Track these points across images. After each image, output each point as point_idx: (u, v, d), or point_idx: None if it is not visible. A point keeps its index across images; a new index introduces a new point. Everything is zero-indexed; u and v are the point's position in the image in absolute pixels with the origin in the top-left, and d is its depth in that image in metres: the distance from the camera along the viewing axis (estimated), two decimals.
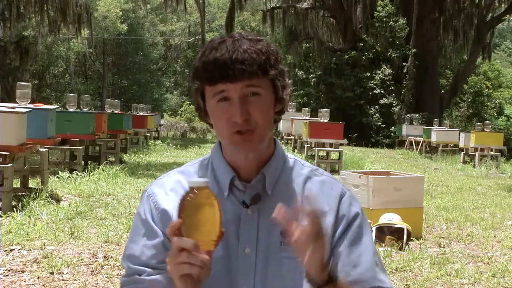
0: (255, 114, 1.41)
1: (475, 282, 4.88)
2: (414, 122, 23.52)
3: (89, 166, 10.73)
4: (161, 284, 1.44)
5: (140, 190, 8.57)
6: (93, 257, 5.00)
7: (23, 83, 8.81)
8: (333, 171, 13.09)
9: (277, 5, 29.91)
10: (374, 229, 6.12)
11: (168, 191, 1.52)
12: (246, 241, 1.46)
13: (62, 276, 4.47)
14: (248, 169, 1.49)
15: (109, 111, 14.84)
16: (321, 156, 13.94)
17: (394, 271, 5.10)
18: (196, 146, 20.00)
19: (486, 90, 31.88)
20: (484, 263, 5.56)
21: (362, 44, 26.75)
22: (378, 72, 26.09)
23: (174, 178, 1.55)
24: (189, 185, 1.27)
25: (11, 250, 5.09)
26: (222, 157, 1.52)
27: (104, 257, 4.98)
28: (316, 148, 13.53)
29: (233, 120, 1.40)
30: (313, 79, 27.23)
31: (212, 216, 1.26)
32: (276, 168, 1.51)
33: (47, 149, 8.39)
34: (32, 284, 4.29)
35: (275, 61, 1.45)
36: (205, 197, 1.26)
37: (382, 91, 25.93)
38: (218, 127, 1.45)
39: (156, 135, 23.26)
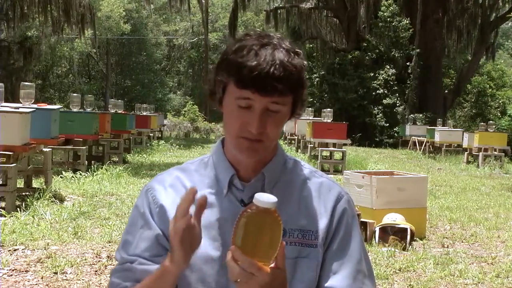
0: (270, 128, 1.41)
1: (479, 283, 4.87)
2: (417, 122, 23.49)
3: (92, 166, 10.74)
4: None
5: None
6: (96, 257, 5.00)
7: (26, 83, 8.81)
8: (336, 171, 13.09)
9: (281, 5, 29.92)
10: (377, 229, 6.12)
11: (167, 187, 1.53)
12: None
13: (65, 276, 4.48)
14: (248, 168, 1.50)
15: (112, 111, 14.85)
16: (324, 156, 13.93)
17: (397, 271, 5.09)
18: (199, 146, 20.01)
19: (490, 90, 31.82)
20: (488, 264, 5.55)
21: (365, 44, 26.73)
22: (382, 72, 26.06)
23: (174, 175, 1.56)
24: (257, 203, 1.24)
25: (15, 250, 5.09)
26: (223, 155, 1.52)
27: (108, 257, 4.99)
28: (320, 148, 13.52)
29: (248, 129, 1.40)
30: (317, 79, 27.21)
31: (277, 238, 1.25)
32: (276, 168, 1.51)
33: (50, 149, 8.41)
34: (36, 284, 4.29)
35: (303, 78, 1.43)
36: (273, 218, 1.24)
37: (385, 91, 25.90)
38: (229, 127, 1.45)
39: (160, 135, 23.28)
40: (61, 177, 9.56)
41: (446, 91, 28.80)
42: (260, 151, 1.44)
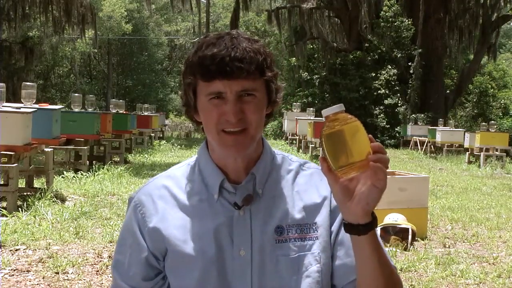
0: (249, 113, 1.38)
1: (480, 283, 4.87)
2: (419, 122, 23.47)
3: (94, 166, 10.74)
4: None
5: None
6: (98, 257, 5.01)
7: (28, 83, 8.83)
8: None
9: (282, 5, 29.89)
10: (378, 229, 6.12)
11: (155, 200, 1.50)
12: (241, 243, 1.43)
13: (67, 276, 4.48)
14: (236, 170, 1.47)
15: (114, 111, 14.86)
16: None
17: (399, 271, 5.07)
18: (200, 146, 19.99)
19: (491, 90, 31.81)
20: (489, 264, 5.54)
21: (367, 44, 26.70)
22: (383, 72, 26.05)
23: (161, 183, 1.52)
24: (326, 114, 1.24)
25: (16, 250, 5.10)
26: (209, 159, 1.49)
27: (109, 257, 4.99)
28: (321, 148, 13.51)
29: (226, 119, 1.37)
30: (318, 79, 27.20)
31: (362, 135, 1.24)
32: (265, 167, 1.49)
33: (52, 149, 8.41)
34: (37, 284, 4.30)
35: (270, 62, 1.42)
36: (347, 120, 1.24)
37: (387, 91, 25.89)
38: (208, 124, 1.41)
39: (161, 135, 23.29)
40: (62, 177, 9.56)
41: (447, 91, 28.77)
42: (246, 143, 1.40)
